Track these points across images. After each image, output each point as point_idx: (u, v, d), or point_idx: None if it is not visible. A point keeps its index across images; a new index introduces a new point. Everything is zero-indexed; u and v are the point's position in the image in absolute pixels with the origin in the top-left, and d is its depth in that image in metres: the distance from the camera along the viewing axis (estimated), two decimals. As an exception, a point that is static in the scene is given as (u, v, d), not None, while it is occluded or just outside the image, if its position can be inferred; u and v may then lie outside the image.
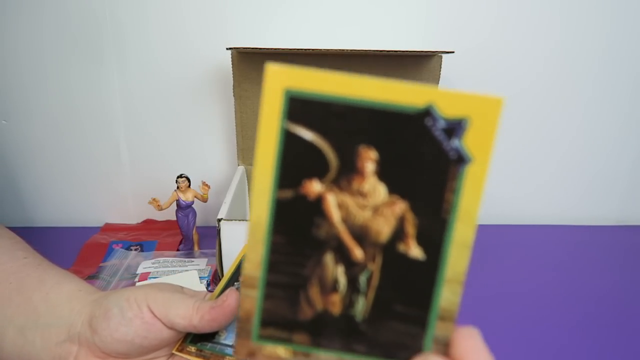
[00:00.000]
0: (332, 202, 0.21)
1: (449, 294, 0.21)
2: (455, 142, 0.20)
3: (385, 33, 0.71)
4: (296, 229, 0.21)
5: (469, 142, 0.20)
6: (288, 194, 0.21)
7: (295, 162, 0.21)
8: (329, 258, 0.22)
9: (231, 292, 0.31)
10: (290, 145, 0.20)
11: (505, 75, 0.75)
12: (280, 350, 0.23)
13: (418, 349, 0.22)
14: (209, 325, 0.31)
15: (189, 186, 0.67)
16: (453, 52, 0.62)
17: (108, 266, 0.65)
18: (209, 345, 0.33)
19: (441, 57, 0.67)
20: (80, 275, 0.57)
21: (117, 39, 0.70)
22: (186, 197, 0.67)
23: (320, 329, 0.22)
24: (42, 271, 0.37)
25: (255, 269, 0.22)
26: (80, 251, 0.69)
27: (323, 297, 0.22)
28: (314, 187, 0.21)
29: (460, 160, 0.20)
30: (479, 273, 0.68)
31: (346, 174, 0.21)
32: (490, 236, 0.77)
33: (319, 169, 0.21)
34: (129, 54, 0.71)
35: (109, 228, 0.77)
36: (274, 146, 0.20)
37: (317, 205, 0.21)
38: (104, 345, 0.31)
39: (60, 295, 0.34)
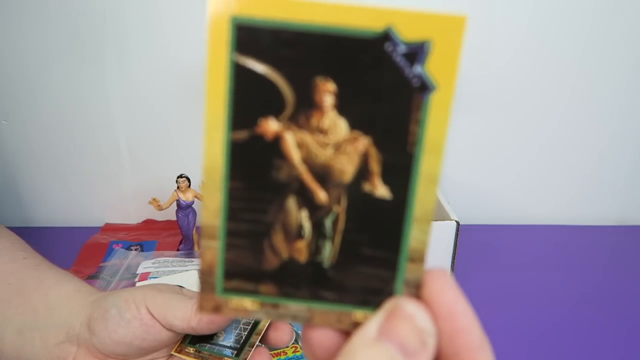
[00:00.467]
0: (290, 141, 0.20)
1: (418, 233, 0.20)
2: (417, 69, 0.19)
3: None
4: (254, 172, 0.20)
5: (432, 68, 0.19)
6: (243, 134, 0.20)
7: (249, 99, 0.19)
8: (291, 202, 0.21)
9: None
10: (241, 81, 0.19)
11: (504, 76, 0.75)
12: (247, 302, 0.21)
13: (389, 294, 0.20)
14: (207, 327, 0.31)
15: (189, 186, 0.67)
16: None
17: (108, 266, 0.65)
18: (208, 346, 0.33)
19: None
20: (80, 276, 0.57)
21: (117, 38, 0.70)
22: (186, 197, 0.67)
23: (287, 278, 0.21)
24: (42, 272, 0.37)
25: (213, 217, 0.21)
26: (80, 251, 0.69)
27: (288, 244, 0.21)
28: (271, 125, 0.20)
29: (424, 88, 0.19)
30: (479, 273, 0.68)
31: (304, 110, 0.19)
32: (490, 236, 0.77)
33: (274, 105, 0.19)
34: (130, 53, 0.71)
35: (109, 228, 0.77)
36: (224, 82, 0.19)
37: (275, 146, 0.20)
38: (103, 346, 0.31)
39: (59, 296, 0.34)
